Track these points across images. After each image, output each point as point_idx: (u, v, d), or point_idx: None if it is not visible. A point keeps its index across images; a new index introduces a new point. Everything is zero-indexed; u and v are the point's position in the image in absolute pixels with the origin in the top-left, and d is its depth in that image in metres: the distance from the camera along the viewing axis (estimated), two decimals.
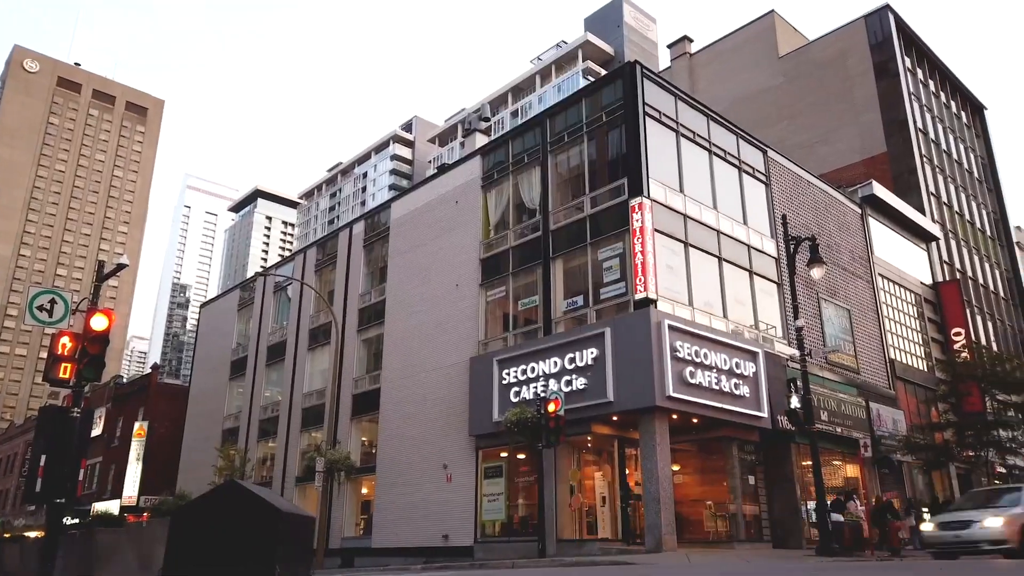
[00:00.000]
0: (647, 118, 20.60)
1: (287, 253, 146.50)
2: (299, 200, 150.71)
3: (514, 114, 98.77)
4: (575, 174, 22.61)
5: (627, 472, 20.25)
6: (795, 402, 18.38)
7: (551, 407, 17.17)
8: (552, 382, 19.59)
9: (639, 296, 18.63)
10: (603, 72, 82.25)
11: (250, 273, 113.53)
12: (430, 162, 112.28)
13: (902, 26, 40.86)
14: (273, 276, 36.30)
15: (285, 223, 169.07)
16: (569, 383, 19.26)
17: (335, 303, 29.89)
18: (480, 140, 29.43)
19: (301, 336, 31.90)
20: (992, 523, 14.12)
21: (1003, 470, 29.93)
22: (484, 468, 22.00)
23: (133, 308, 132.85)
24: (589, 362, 19.00)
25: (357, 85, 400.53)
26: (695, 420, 19.45)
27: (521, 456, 21.21)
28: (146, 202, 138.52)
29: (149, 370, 49.76)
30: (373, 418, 26.91)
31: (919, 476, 27.90)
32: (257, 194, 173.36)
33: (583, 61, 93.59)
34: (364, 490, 27.43)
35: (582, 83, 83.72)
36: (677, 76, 45.58)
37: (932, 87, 43.29)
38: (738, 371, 19.73)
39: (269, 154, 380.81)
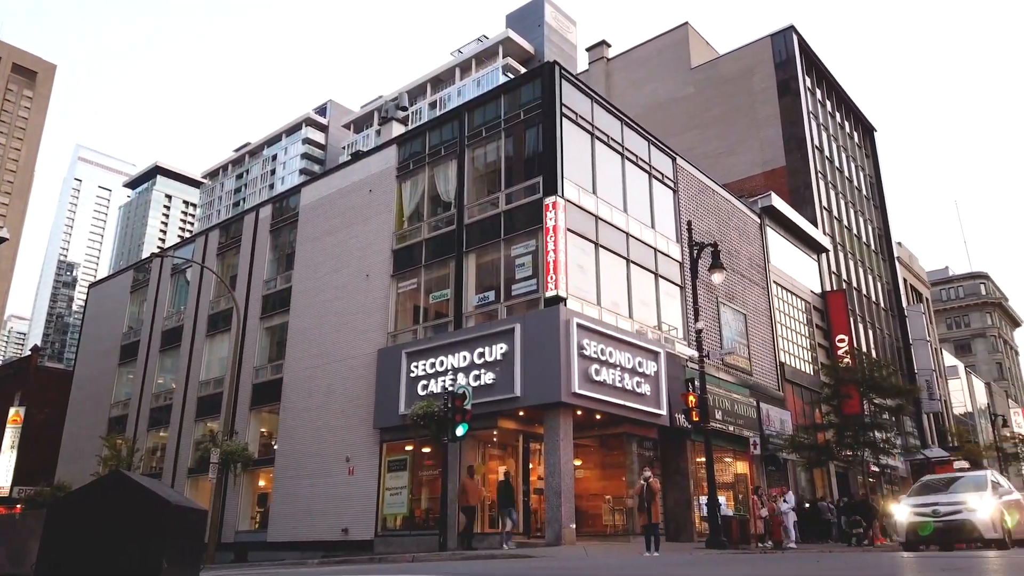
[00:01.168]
0: (564, 119, 20.91)
1: (188, 234, 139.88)
2: (202, 180, 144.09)
3: (432, 105, 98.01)
4: (491, 169, 22.68)
5: (531, 466, 20.54)
6: (691, 401, 19.15)
7: (458, 401, 17.20)
8: (461, 376, 19.61)
9: (550, 294, 18.91)
10: (523, 70, 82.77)
11: (146, 253, 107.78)
12: (344, 148, 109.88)
13: (805, 48, 43.18)
14: (171, 258, 34.59)
15: (186, 203, 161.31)
16: (478, 377, 19.34)
17: (237, 289, 28.80)
18: (397, 129, 29.02)
19: (199, 322, 30.56)
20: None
21: (876, 469, 32.22)
22: (388, 461, 21.79)
23: (12, 285, 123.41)
24: (498, 357, 19.14)
25: (270, 63, 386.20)
26: (598, 416, 19.94)
27: (426, 450, 21.14)
28: (32, 172, 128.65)
29: (28, 352, 46.39)
30: (274, 409, 26.13)
31: (802, 474, 29.66)
32: (157, 171, 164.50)
33: (503, 57, 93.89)
34: (261, 483, 26.61)
35: (502, 79, 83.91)
36: (594, 79, 46.46)
37: (829, 107, 45.98)
38: (640, 370, 20.37)
39: (172, 130, 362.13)
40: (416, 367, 21.02)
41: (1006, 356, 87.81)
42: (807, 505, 27.15)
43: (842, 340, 34.65)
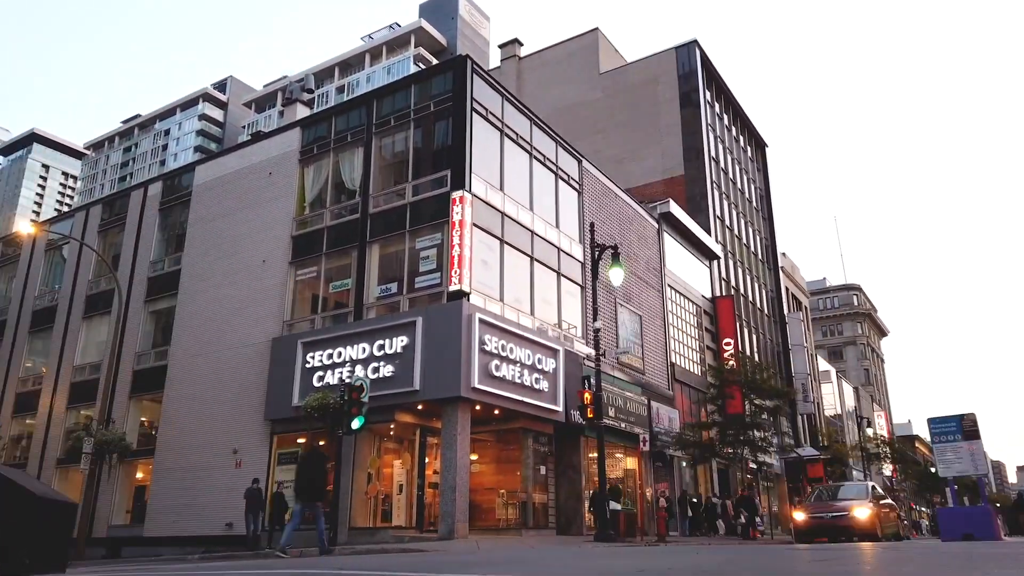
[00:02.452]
0: (474, 114, 20.91)
1: (66, 208, 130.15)
2: (85, 151, 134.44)
3: (340, 90, 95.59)
4: (399, 159, 22.39)
5: (427, 461, 20.45)
6: (587, 398, 19.63)
7: (355, 393, 16.87)
8: (359, 368, 19.27)
9: (453, 288, 18.87)
10: (435, 61, 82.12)
11: (18, 226, 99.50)
12: (244, 127, 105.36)
13: (706, 62, 45.10)
14: (47, 232, 32.10)
15: (66, 175, 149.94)
16: (376, 370, 19.05)
17: (120, 269, 27.09)
18: (301, 111, 28.17)
19: (76, 303, 28.54)
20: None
21: (754, 466, 34.12)
22: (278, 454, 21.12)
23: None
24: (398, 350, 18.93)
25: (167, 31, 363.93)
26: (496, 412, 20.10)
27: (320, 443, 20.64)
28: None
29: None
30: (156, 397, 24.77)
31: (687, 470, 31.02)
32: (33, 138, 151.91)
33: (415, 47, 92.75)
34: (139, 475, 25.17)
35: (413, 69, 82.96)
36: (506, 77, 46.72)
37: (726, 121, 48.24)
38: (540, 367, 20.68)
39: (53, 96, 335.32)
40: (312, 358, 20.47)
41: (873, 363, 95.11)
42: (694, 500, 28.44)
43: (728, 343, 36.45)
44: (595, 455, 20.46)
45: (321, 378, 19.96)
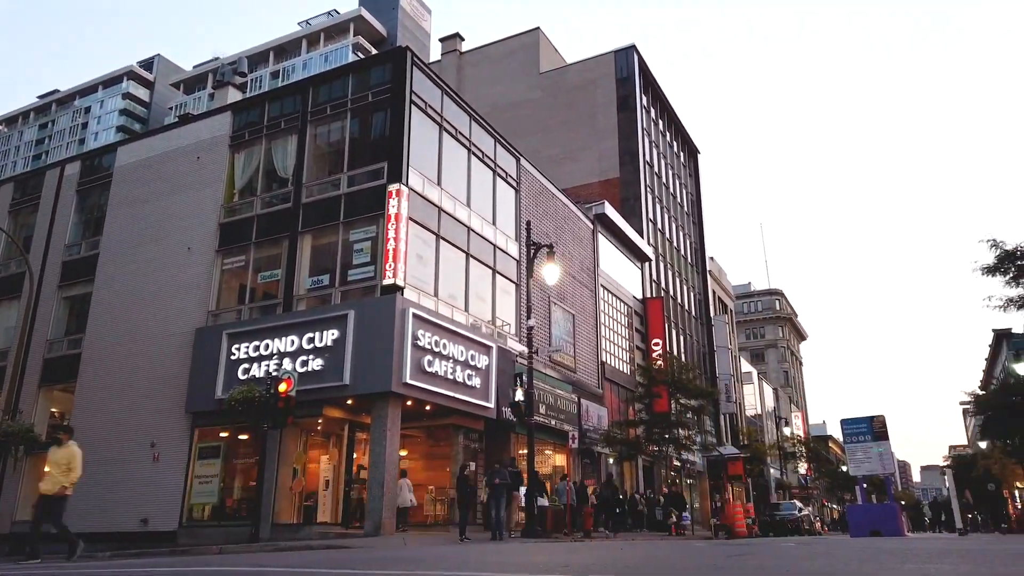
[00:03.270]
0: (413, 106, 20.70)
1: None
2: None
3: (274, 75, 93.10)
4: (335, 149, 21.96)
5: (355, 456, 20.16)
6: (519, 395, 19.74)
7: (282, 387, 16.48)
8: (287, 361, 18.82)
9: (387, 282, 18.65)
10: (374, 51, 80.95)
11: None
12: (171, 109, 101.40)
13: (643, 67, 45.95)
14: None
15: None
16: (305, 363, 18.66)
17: (32, 252, 25.64)
18: (233, 95, 27.23)
19: None
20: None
21: (678, 463, 35.03)
22: (199, 448, 20.43)
23: None
24: (329, 343, 18.58)
25: (88, 4, 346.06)
26: (428, 407, 19.98)
27: (243, 437, 20.08)
28: None
29: None
30: (68, 387, 23.58)
31: (614, 466, 31.59)
32: None
33: (354, 36, 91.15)
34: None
35: (351, 58, 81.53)
36: (446, 71, 46.46)
37: (661, 126, 49.28)
38: (472, 363, 20.67)
39: None
40: (238, 349, 19.87)
41: (792, 366, 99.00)
42: (621, 497, 28.96)
43: (657, 343, 37.28)
44: (525, 451, 20.59)
45: (247, 371, 19.41)
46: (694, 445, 31.53)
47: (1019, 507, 48.42)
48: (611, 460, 30.87)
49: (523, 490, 19.64)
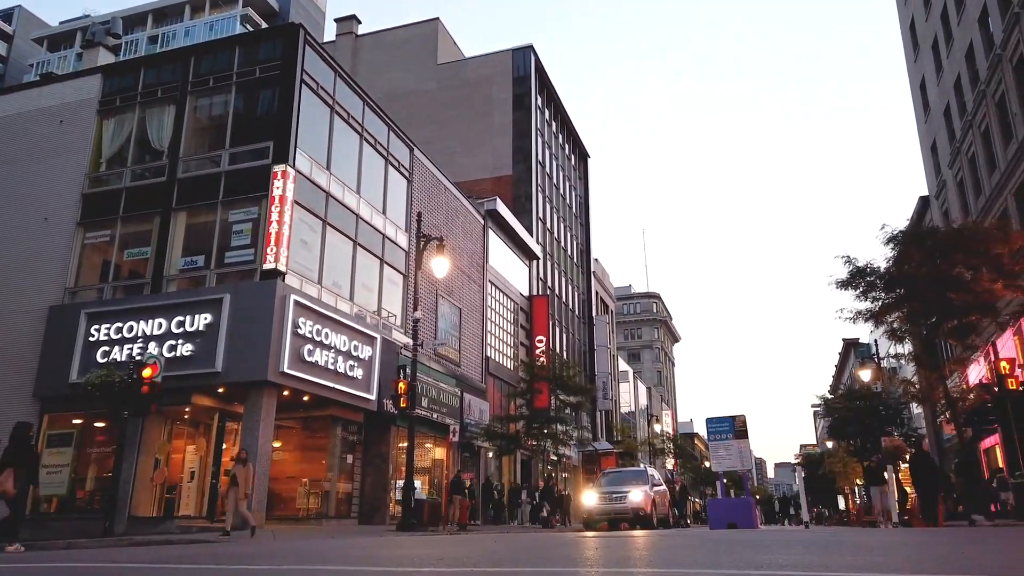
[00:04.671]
0: (304, 86, 20.00)
1: None
2: None
3: (152, 39, 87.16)
4: (216, 124, 20.85)
5: (224, 447, 19.25)
6: (401, 388, 19.54)
7: (147, 372, 15.47)
8: (153, 345, 17.71)
9: (268, 266, 17.93)
10: (264, 25, 77.53)
11: None
12: (32, 66, 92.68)
13: (540, 68, 46.61)
14: None
15: None
16: (174, 348, 17.62)
17: None
18: (105, 57, 25.28)
19: None
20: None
21: (555, 458, 35.88)
22: (48, 436, 18.86)
23: None
24: (201, 328, 17.63)
25: None
26: (306, 398, 19.39)
27: (100, 424, 18.70)
28: None
29: None
30: None
31: (493, 460, 31.92)
32: None
33: (244, 6, 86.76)
34: None
35: (239, 29, 77.62)
36: (340, 53, 45.16)
37: (554, 128, 50.18)
38: (355, 354, 20.25)
39: None
40: (98, 331, 18.49)
41: (665, 366, 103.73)
42: (497, 490, 29.29)
43: (541, 340, 37.99)
44: (405, 445, 20.42)
45: (107, 353, 18.10)
46: (571, 440, 32.41)
47: (857, 503, 53.13)
48: (490, 454, 31.17)
49: (400, 483, 19.46)
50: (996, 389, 20.22)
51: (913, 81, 37.36)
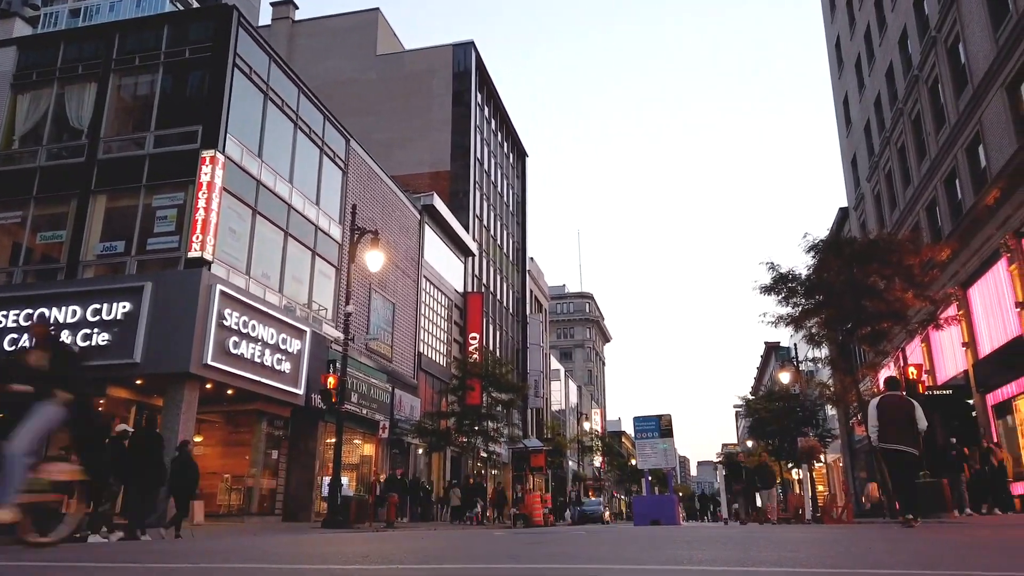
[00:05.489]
0: (236, 70, 19.40)
1: None
2: None
3: (74, 13, 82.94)
4: (142, 105, 20.00)
5: None
6: (331, 382, 19.20)
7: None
8: (67, 334, 16.83)
9: (193, 254, 17.31)
10: (196, 4, 74.86)
11: None
12: None
13: (480, 65, 46.55)
14: None
15: None
16: (89, 337, 16.81)
17: None
18: (21, 28, 23.90)
19: None
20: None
21: (485, 455, 35.96)
22: None
23: None
24: (119, 317, 16.88)
25: None
26: (230, 391, 18.82)
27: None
28: None
29: None
30: None
31: (422, 457, 31.74)
32: None
33: None
34: None
35: (168, 8, 74.64)
36: (276, 38, 43.97)
37: (493, 125, 50.22)
38: (283, 347, 19.77)
39: None
40: (5, 316, 17.47)
41: (595, 365, 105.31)
42: (427, 487, 29.13)
43: (474, 337, 38.00)
44: (333, 440, 20.08)
45: (15, 342, 17.11)
46: (501, 437, 32.54)
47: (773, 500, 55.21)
48: (420, 451, 30.98)
49: (327, 480, 19.13)
50: (904, 393, 21.36)
51: (837, 97, 39.04)
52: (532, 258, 59.08)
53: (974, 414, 22.52)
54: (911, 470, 10.39)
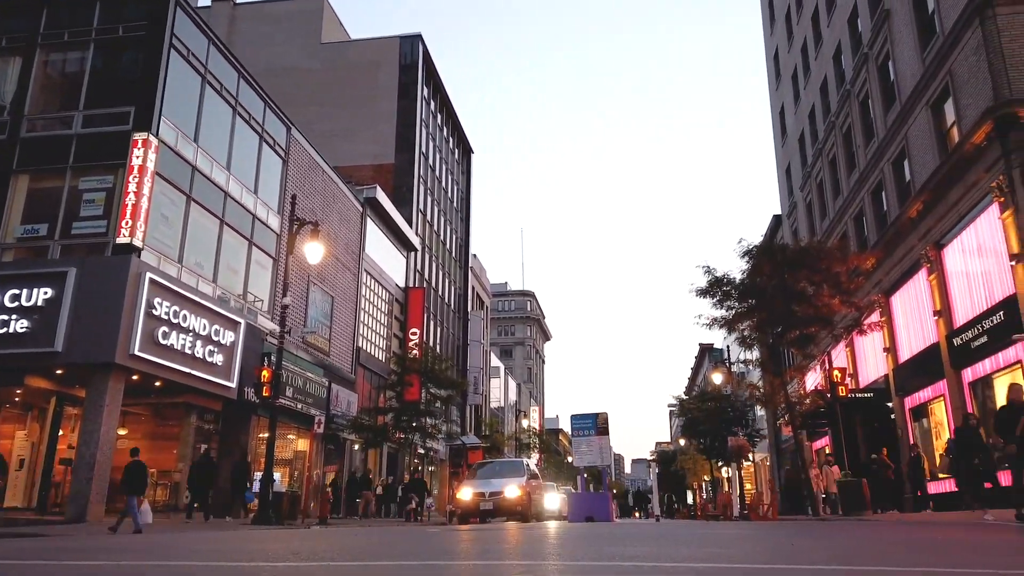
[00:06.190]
0: (173, 51, 18.73)
1: None
2: None
3: None
4: (70, 82, 19.11)
5: (60, 433, 17.73)
6: (265, 376, 18.75)
7: None
8: None
9: (122, 240, 16.65)
10: None
11: None
12: None
13: (428, 59, 46.20)
14: None
15: None
16: (6, 324, 15.98)
17: None
18: None
19: None
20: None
21: (422, 451, 35.73)
22: None
23: None
24: (39, 303, 16.09)
25: None
26: (158, 383, 18.19)
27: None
28: None
29: None
30: None
31: (358, 453, 31.35)
32: None
33: None
34: None
35: None
36: (216, 20, 42.59)
37: (439, 120, 49.93)
38: (216, 338, 19.22)
39: None
40: None
41: (535, 363, 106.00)
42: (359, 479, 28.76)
43: (415, 333, 37.71)
44: (266, 435, 19.62)
45: None
46: (439, 434, 32.42)
47: (703, 497, 56.70)
48: (356, 447, 30.60)
49: (258, 475, 18.70)
50: (829, 395, 22.24)
51: (774, 108, 40.31)
52: (475, 255, 59.03)
53: (892, 417, 23.62)
54: None
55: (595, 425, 22.98)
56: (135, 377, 17.19)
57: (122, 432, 18.63)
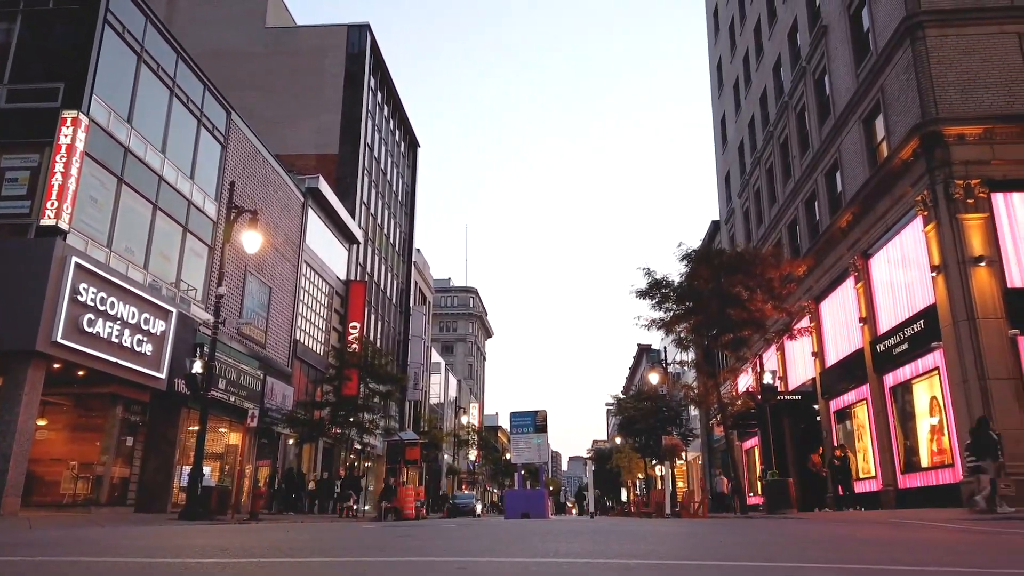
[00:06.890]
0: (107, 27, 17.96)
1: None
2: None
3: None
4: None
5: None
6: (197, 367, 18.20)
7: None
8: None
9: (46, 222, 15.88)
10: None
11: None
12: None
13: (375, 49, 45.59)
14: None
15: None
16: None
17: None
18: None
19: None
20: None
21: (359, 447, 35.32)
22: None
23: None
24: None
25: None
26: (81, 372, 17.43)
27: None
28: None
29: None
30: None
31: (293, 447, 30.75)
32: None
33: None
34: None
35: None
36: None
37: (386, 112, 49.33)
38: (145, 327, 18.55)
39: None
40: None
41: (476, 360, 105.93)
42: (298, 478, 28.24)
43: (355, 327, 37.20)
44: (196, 428, 19.04)
45: None
46: (377, 429, 32.07)
47: (638, 494, 57.77)
48: (291, 441, 30.01)
49: (187, 469, 18.13)
50: (759, 397, 22.97)
51: (716, 115, 41.31)
52: (419, 249, 58.59)
53: (818, 419, 24.55)
54: None
55: (534, 422, 23.17)
56: (57, 366, 16.44)
57: (41, 423, 17.81)
